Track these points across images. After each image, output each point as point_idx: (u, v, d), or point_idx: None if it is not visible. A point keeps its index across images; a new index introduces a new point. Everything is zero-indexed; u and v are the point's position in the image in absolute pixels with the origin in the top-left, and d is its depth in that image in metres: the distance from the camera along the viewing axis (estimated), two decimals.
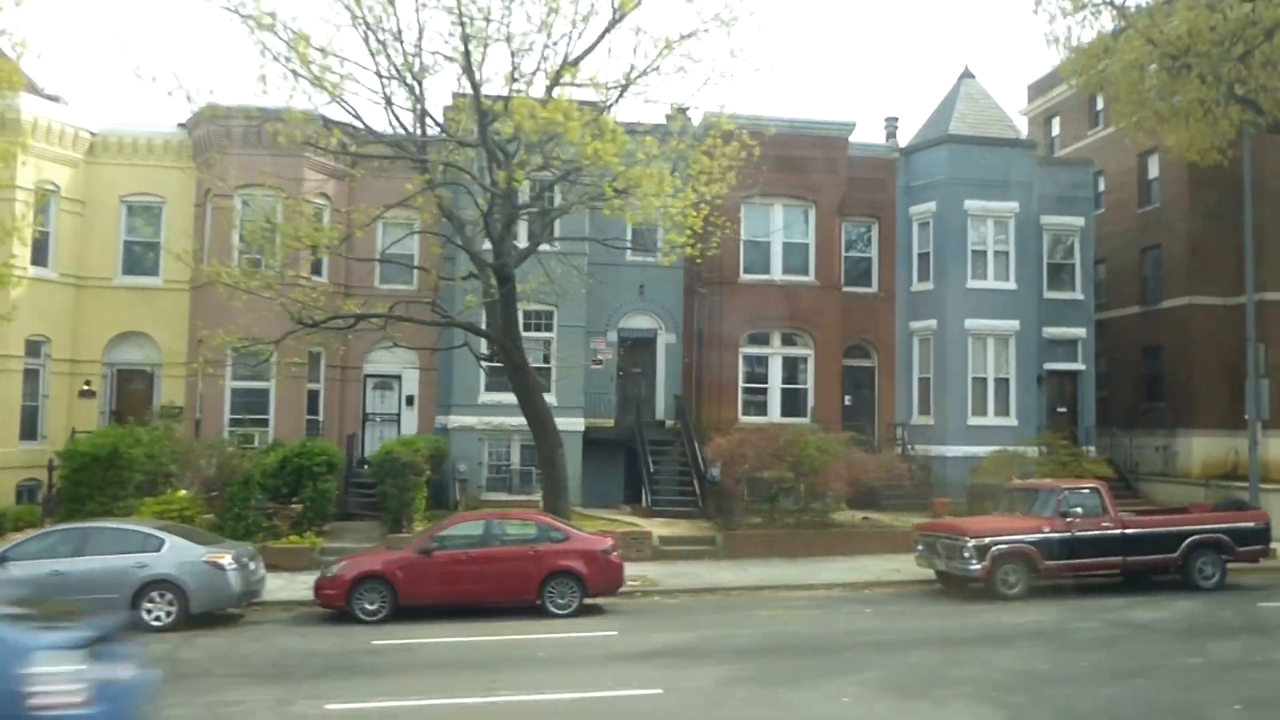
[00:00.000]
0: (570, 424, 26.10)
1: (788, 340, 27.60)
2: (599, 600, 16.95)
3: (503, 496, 25.67)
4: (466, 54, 17.14)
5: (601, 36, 17.96)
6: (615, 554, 16.56)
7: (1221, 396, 30.36)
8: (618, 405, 27.86)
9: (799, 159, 27.45)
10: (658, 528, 22.97)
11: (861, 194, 29.33)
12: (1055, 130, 38.13)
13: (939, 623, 15.37)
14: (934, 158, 29.05)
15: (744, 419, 26.77)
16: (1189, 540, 17.95)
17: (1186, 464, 30.41)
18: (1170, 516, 18.91)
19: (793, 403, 27.50)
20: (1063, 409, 30.64)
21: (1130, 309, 33.75)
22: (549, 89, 17.96)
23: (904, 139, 31.49)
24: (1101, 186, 35.60)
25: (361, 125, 18.44)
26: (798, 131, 27.58)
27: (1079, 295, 30.47)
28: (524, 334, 26.31)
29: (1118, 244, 34.43)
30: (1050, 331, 30.22)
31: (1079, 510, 17.63)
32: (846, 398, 29.40)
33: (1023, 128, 41.39)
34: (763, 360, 27.45)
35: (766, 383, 27.38)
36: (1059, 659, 12.57)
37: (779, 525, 22.49)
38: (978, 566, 17.21)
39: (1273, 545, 20.79)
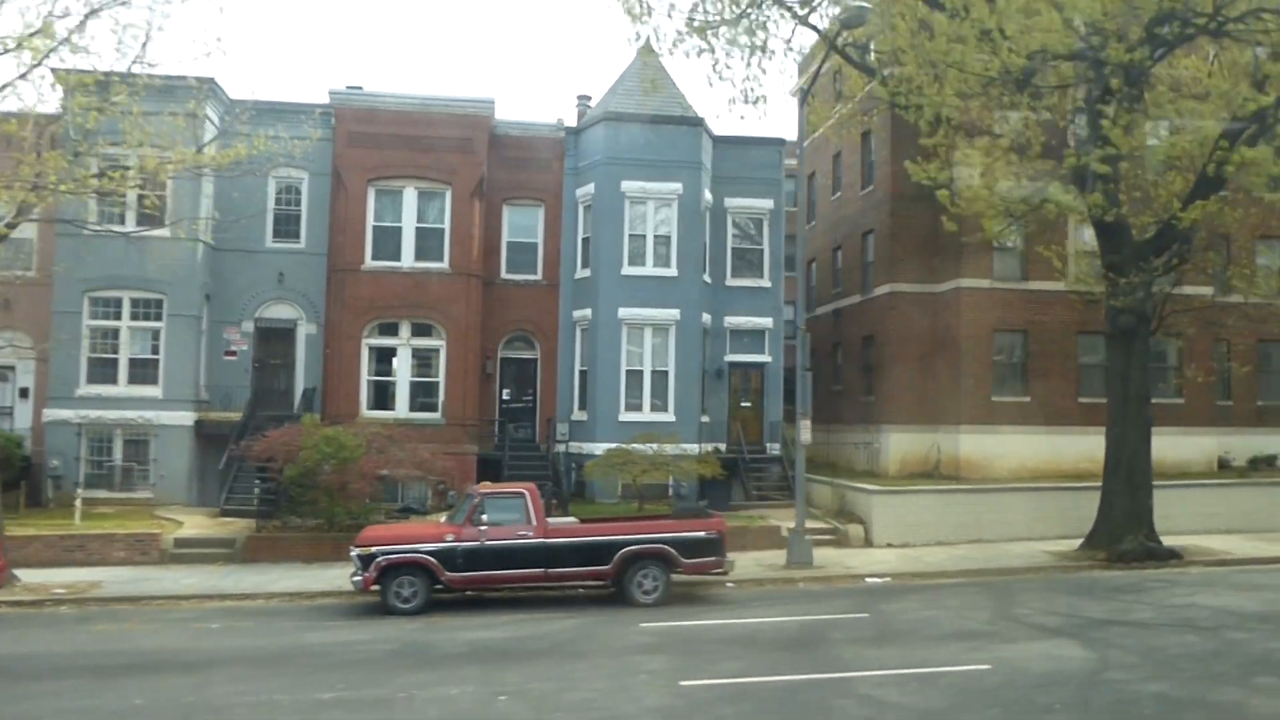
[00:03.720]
0: (178, 418, 25.07)
1: (420, 331, 26.16)
2: None
3: (104, 494, 24.56)
4: None
5: None
6: None
7: (922, 389, 28.61)
8: (252, 398, 26.59)
9: (433, 139, 26.08)
10: (204, 528, 21.81)
11: (525, 175, 27.86)
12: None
13: (256, 641, 13.96)
14: (594, 137, 27.44)
15: (369, 413, 25.51)
16: (623, 551, 16.36)
17: (887, 461, 28.65)
18: (607, 525, 17.29)
19: (425, 397, 26.11)
20: (748, 403, 28.96)
21: (854, 297, 31.99)
22: None
23: None
24: (840, 170, 33.87)
25: None
26: (430, 110, 26.16)
27: (766, 283, 28.72)
28: (130, 323, 25.45)
29: (849, 229, 32.67)
30: (734, 321, 28.59)
31: (485, 518, 16.12)
32: (506, 391, 28.01)
33: (792, 107, 39.67)
34: (390, 352, 26.06)
35: (395, 376, 26.00)
36: (208, 685, 11.16)
37: (309, 528, 21.14)
38: (359, 578, 15.83)
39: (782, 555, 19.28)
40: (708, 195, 27.74)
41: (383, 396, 26.04)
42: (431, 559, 15.91)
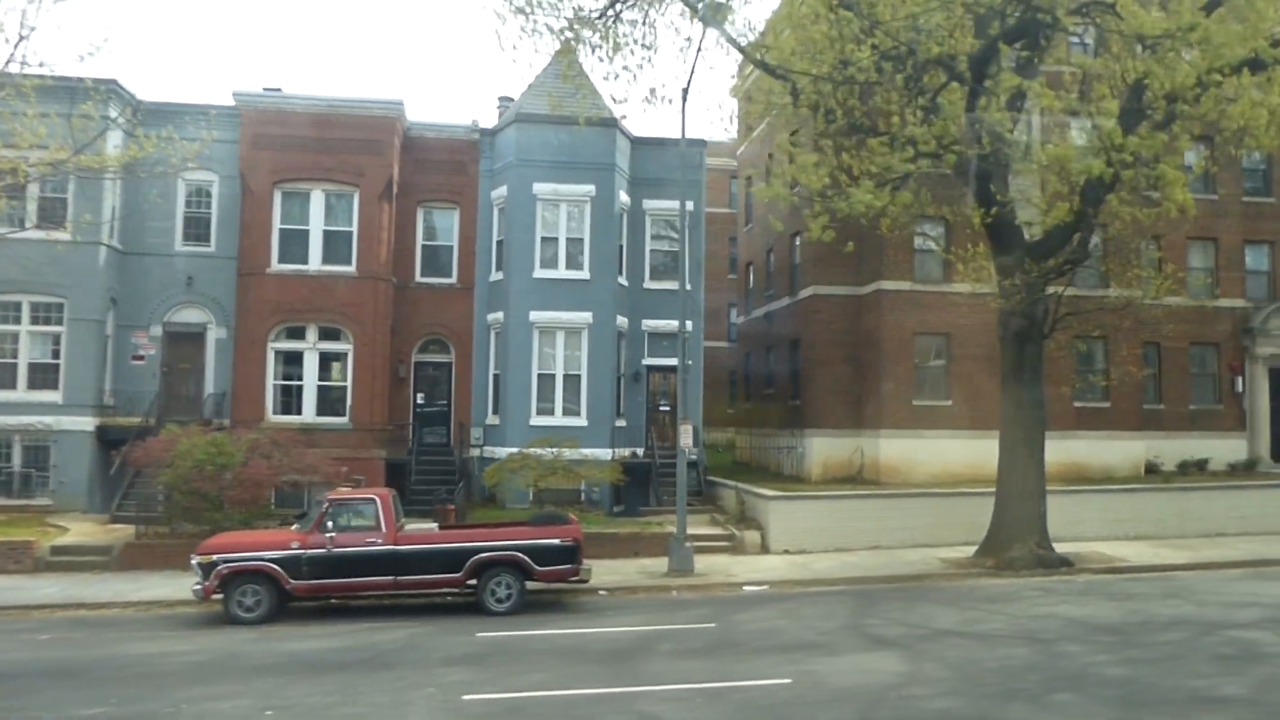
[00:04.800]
0: (79, 423, 24.74)
1: (328, 335, 25.81)
2: None
3: (1, 500, 24.27)
4: None
5: None
6: None
7: (845, 393, 28.27)
8: (161, 404, 26.26)
9: (341, 140, 25.74)
10: (88, 535, 21.49)
11: (440, 177, 27.57)
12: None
13: (70, 653, 13.58)
14: (507, 139, 27.11)
15: (275, 418, 25.21)
16: (475, 559, 16.03)
17: (810, 466, 28.27)
18: (461, 533, 16.94)
19: (333, 401, 25.76)
20: (667, 407, 28.57)
21: (783, 300, 31.64)
22: None
23: None
24: (772, 171, 33.48)
25: None
26: (337, 111, 25.83)
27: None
28: (29, 328, 25.15)
29: (784, 231, 32.22)
30: (652, 324, 28.20)
31: (331, 525, 15.79)
32: (420, 395, 27.67)
33: (731, 105, 39.28)
34: (298, 356, 25.71)
35: (302, 380, 25.66)
36: None
37: (193, 535, 20.74)
38: (199, 586, 15.52)
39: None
40: (624, 197, 27.42)
41: (290, 401, 25.69)
42: (275, 567, 15.57)
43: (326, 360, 25.89)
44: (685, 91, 20.02)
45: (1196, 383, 30.07)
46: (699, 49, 23.20)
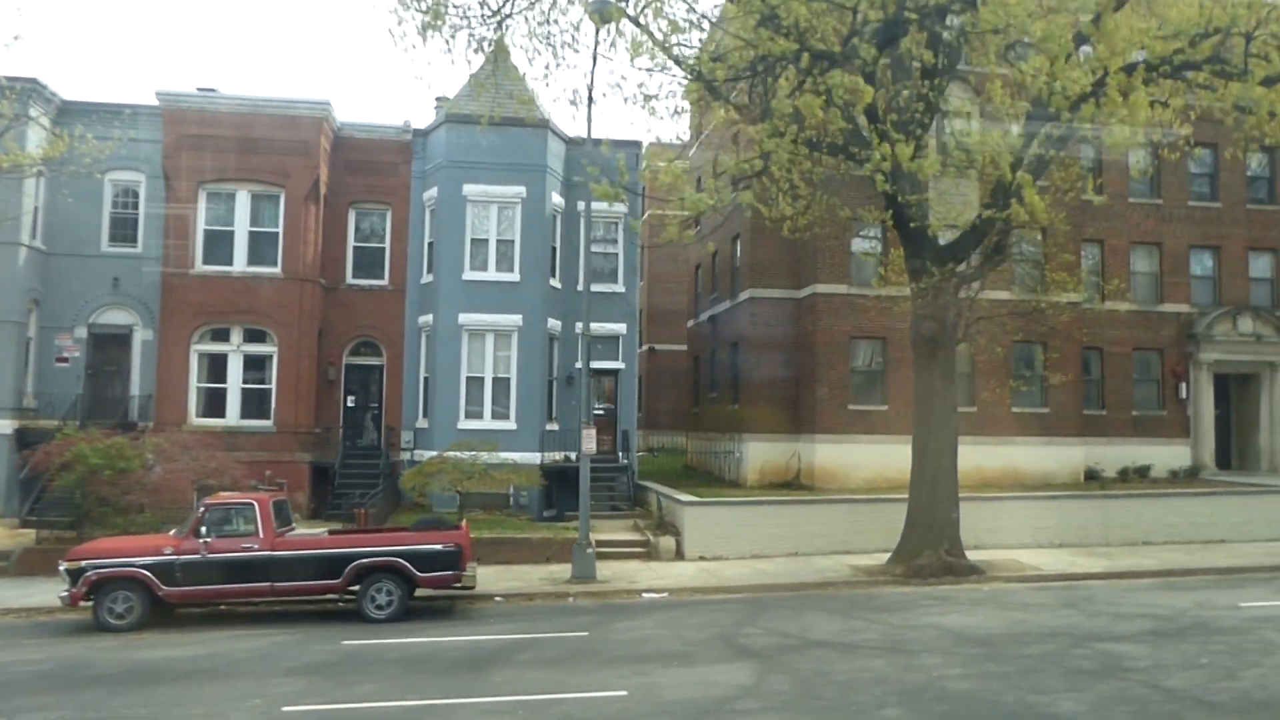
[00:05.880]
0: None
1: (253, 337, 25.55)
2: None
3: None
4: None
5: None
6: None
7: (782, 397, 28.00)
8: (87, 407, 26.00)
9: (266, 140, 25.53)
10: None
11: (373, 179, 27.33)
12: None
13: None
14: (438, 140, 26.87)
15: (198, 421, 25.03)
16: (354, 565, 15.75)
17: (747, 470, 27.97)
18: (343, 538, 16.67)
19: (258, 404, 25.49)
20: (600, 411, 28.27)
21: (725, 303, 31.37)
22: None
23: None
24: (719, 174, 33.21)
25: None
26: (262, 111, 25.60)
27: (620, 288, 28.07)
28: None
29: (723, 233, 32.08)
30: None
31: (205, 530, 15.51)
32: (350, 398, 27.40)
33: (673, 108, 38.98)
34: (221, 358, 25.46)
35: (226, 382, 25.40)
36: None
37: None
38: (66, 593, 15.25)
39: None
40: (556, 198, 27.16)
41: (214, 403, 25.44)
42: (146, 573, 15.31)
43: (251, 362, 25.61)
44: (590, 90, 19.82)
45: (1140, 388, 29.75)
46: (596, 47, 23.06)
